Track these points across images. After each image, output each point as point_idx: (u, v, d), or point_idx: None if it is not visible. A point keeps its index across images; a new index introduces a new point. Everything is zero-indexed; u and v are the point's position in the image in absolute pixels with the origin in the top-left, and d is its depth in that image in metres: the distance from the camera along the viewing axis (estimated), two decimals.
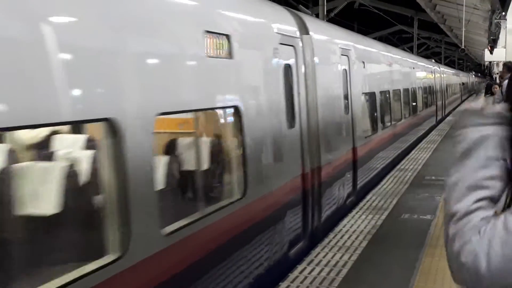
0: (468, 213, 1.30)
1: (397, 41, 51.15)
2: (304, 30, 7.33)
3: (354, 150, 9.41)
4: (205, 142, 5.05)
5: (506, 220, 1.25)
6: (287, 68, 6.56)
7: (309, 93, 7.19)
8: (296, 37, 6.98)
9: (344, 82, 9.09)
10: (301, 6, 10.71)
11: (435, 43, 59.08)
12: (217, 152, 5.31)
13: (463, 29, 27.79)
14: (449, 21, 33.61)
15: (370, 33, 38.20)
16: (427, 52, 61.31)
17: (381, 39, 34.76)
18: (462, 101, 44.54)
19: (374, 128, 11.64)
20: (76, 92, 3.29)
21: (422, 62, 22.15)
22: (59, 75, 3.09)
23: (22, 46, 2.91)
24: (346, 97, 9.14)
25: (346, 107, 9.13)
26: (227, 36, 5.02)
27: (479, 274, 1.25)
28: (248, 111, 5.33)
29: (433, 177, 11.32)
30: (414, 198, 9.46)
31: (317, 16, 17.47)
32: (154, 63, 4.10)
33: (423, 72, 20.78)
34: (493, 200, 1.32)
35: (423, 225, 7.73)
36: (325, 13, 20.46)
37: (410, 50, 41.61)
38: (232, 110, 5.20)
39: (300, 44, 7.06)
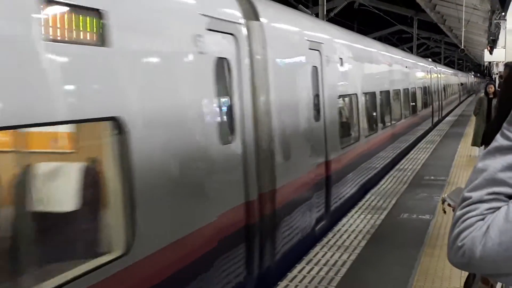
0: (480, 201, 1.32)
1: (397, 41, 51.27)
2: (252, 15, 5.80)
3: (327, 164, 7.82)
4: (43, 173, 3.45)
5: (509, 209, 1.27)
6: (221, 63, 5.05)
7: (258, 96, 5.68)
8: (237, 23, 5.40)
9: (313, 82, 7.47)
10: (300, 6, 10.65)
11: (434, 43, 59.15)
12: (73, 188, 3.57)
13: (463, 29, 27.82)
14: (449, 21, 33.64)
15: (370, 33, 38.23)
16: (426, 52, 61.30)
17: (380, 39, 34.85)
18: (461, 102, 44.59)
19: (354, 137, 9.95)
20: None
21: (416, 61, 20.74)
22: None
23: None
24: (316, 100, 7.55)
25: (317, 112, 7.53)
26: (98, 12, 3.39)
27: (473, 258, 1.28)
28: (139, 125, 3.71)
29: (432, 177, 11.35)
30: (413, 198, 9.48)
31: (317, 15, 17.42)
32: None
33: (417, 72, 19.69)
34: (511, 197, 1.33)
35: (422, 225, 7.75)
36: (325, 13, 20.49)
37: (410, 50, 41.67)
38: (107, 123, 3.53)
39: (245, 33, 5.51)
